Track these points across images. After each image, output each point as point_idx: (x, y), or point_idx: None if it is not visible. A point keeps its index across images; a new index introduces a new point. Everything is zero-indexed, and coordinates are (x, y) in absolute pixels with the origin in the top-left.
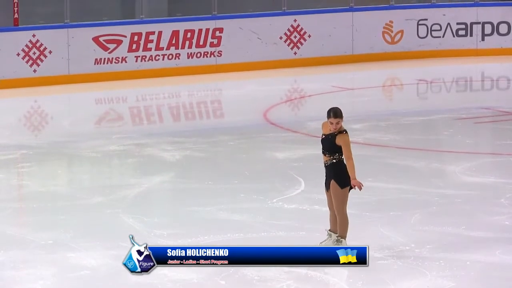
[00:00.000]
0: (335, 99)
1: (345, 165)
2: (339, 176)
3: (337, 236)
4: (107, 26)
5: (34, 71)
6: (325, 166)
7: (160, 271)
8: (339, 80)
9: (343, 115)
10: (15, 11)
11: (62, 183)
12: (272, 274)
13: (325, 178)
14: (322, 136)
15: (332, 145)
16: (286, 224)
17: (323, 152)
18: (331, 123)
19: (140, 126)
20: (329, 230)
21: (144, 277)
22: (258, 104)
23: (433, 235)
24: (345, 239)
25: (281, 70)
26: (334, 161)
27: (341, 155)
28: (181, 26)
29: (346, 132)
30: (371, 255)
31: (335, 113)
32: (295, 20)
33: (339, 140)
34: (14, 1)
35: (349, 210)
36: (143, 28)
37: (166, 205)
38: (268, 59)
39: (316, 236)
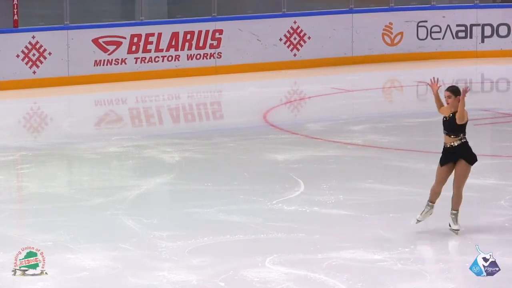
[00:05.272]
0: (335, 101)
1: (468, 145)
2: (468, 155)
3: (454, 211)
4: (107, 27)
5: (34, 72)
6: (451, 147)
7: (159, 273)
8: (339, 82)
9: (346, 116)
10: (15, 13)
11: (62, 184)
12: (272, 276)
13: (443, 155)
14: (443, 118)
15: (454, 125)
16: (286, 226)
17: (447, 134)
18: (445, 97)
19: (140, 127)
20: (429, 201)
21: (143, 278)
22: (258, 105)
23: (433, 236)
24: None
25: (281, 71)
26: (462, 141)
27: (465, 134)
28: (181, 28)
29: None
30: (370, 257)
31: (449, 87)
32: (294, 22)
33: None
34: (14, 2)
35: (348, 212)
36: (142, 30)
37: (166, 206)
38: (267, 60)
39: (316, 237)
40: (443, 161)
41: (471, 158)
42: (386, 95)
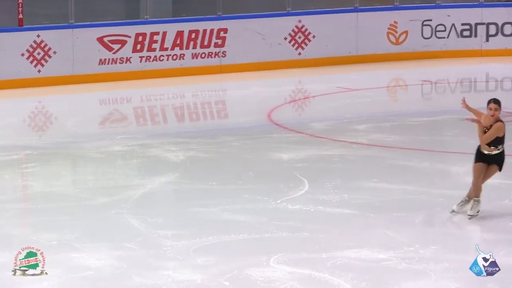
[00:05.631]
0: (340, 100)
1: (504, 154)
2: (501, 163)
3: (476, 198)
4: (112, 26)
5: (39, 71)
6: (488, 155)
7: (164, 272)
8: (344, 81)
9: (351, 115)
10: (20, 12)
11: (67, 183)
12: (276, 275)
13: (479, 156)
14: (484, 128)
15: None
16: (290, 225)
17: (487, 144)
18: (490, 109)
19: (144, 126)
20: (475, 196)
21: (148, 278)
22: (262, 104)
23: (437, 236)
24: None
25: (286, 70)
26: (500, 151)
27: (504, 144)
28: (186, 27)
29: (502, 122)
30: (375, 256)
31: (496, 100)
32: (299, 21)
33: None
34: (19, 1)
35: (353, 211)
36: (147, 29)
37: (170, 205)
38: (272, 59)
39: (320, 237)
40: (478, 160)
41: (502, 165)
42: (390, 94)
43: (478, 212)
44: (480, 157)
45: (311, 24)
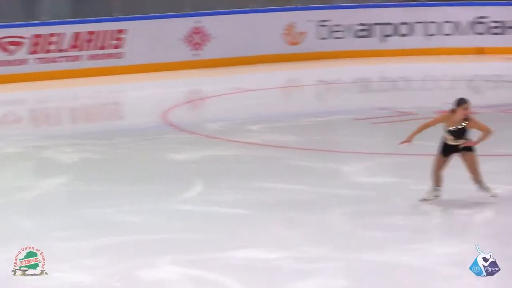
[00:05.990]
0: (235, 101)
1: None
2: (472, 148)
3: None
4: (8, 28)
5: None
6: (457, 147)
7: (55, 274)
8: (240, 82)
9: (245, 116)
10: None
11: None
12: (167, 276)
13: (444, 149)
14: (451, 128)
15: (466, 132)
16: (184, 226)
17: (456, 139)
18: (465, 109)
19: (39, 128)
20: (438, 186)
21: (38, 279)
22: (158, 106)
23: (329, 235)
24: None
25: (183, 71)
26: (466, 140)
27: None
28: (84, 28)
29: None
30: (267, 256)
31: (467, 100)
32: (197, 22)
33: (473, 125)
34: None
35: (247, 211)
36: (45, 30)
37: (64, 207)
38: (170, 60)
39: (213, 237)
40: (443, 152)
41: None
42: (286, 94)
43: (434, 197)
44: (446, 149)
45: (209, 25)
